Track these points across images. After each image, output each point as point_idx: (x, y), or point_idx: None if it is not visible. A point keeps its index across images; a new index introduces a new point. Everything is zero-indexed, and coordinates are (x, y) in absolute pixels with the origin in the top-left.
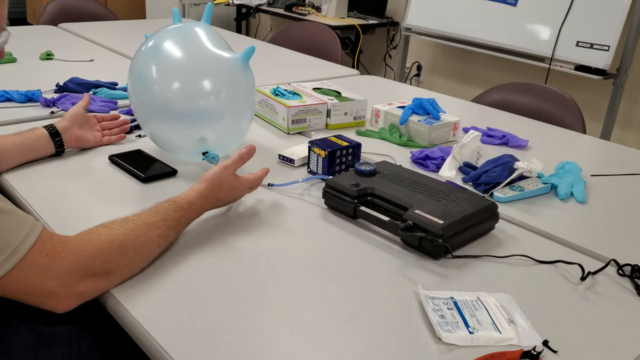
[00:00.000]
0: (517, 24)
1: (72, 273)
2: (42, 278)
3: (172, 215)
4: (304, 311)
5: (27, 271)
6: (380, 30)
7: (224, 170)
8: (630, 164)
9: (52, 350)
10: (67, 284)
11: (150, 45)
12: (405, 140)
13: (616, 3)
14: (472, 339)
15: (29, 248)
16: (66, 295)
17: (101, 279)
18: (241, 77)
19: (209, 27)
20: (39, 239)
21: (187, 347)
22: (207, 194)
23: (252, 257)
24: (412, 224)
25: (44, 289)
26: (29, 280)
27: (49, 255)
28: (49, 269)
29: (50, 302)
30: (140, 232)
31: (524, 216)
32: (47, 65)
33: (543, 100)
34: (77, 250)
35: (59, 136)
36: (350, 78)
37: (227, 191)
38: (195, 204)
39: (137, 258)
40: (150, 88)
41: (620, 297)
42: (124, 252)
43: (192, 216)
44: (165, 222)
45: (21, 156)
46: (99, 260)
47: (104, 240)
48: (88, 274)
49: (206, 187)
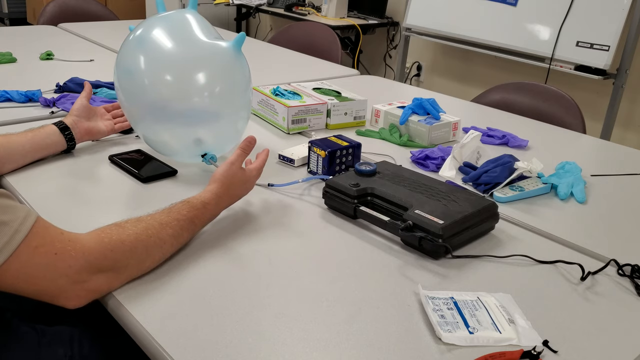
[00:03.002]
0: (517, 24)
1: (82, 272)
2: (51, 276)
3: (186, 215)
4: (304, 311)
5: (36, 269)
6: (380, 30)
7: (231, 166)
8: (630, 164)
9: (53, 350)
10: (76, 282)
11: (137, 36)
12: (405, 140)
13: (616, 3)
14: (472, 339)
15: (29, 228)
16: (76, 293)
17: (111, 277)
18: (236, 68)
19: (196, 13)
20: (47, 236)
21: (187, 347)
22: (221, 192)
23: (252, 257)
24: (412, 224)
25: (53, 287)
26: (38, 279)
27: (57, 253)
28: (58, 267)
29: (60, 299)
30: (153, 231)
31: (524, 216)
32: (47, 65)
33: (543, 100)
34: (87, 249)
35: (69, 130)
36: (350, 78)
37: (239, 186)
38: (210, 203)
39: (149, 258)
40: (140, 83)
41: (620, 297)
42: (135, 252)
43: (207, 216)
44: (179, 222)
45: (34, 153)
46: (108, 260)
47: (115, 240)
48: (97, 272)
49: (218, 186)
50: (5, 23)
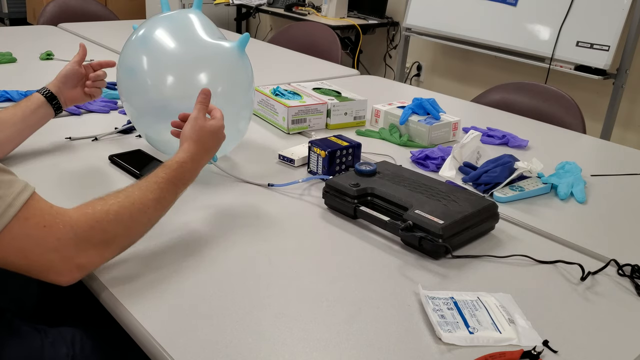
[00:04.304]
0: (517, 24)
1: (70, 245)
2: (40, 250)
3: (164, 177)
4: (304, 311)
5: (26, 241)
6: (380, 30)
7: (196, 121)
8: (630, 164)
9: (56, 350)
10: (66, 257)
11: (140, 35)
12: (405, 140)
13: (616, 3)
14: (472, 339)
15: (23, 202)
16: (67, 268)
17: (101, 250)
18: (239, 68)
19: (201, 14)
20: (37, 209)
21: (187, 347)
22: (194, 149)
23: (252, 257)
24: (412, 224)
25: (43, 262)
26: (27, 252)
27: (46, 226)
28: (47, 241)
29: (51, 275)
30: (135, 198)
31: (524, 216)
32: (47, 65)
33: (543, 100)
34: (74, 221)
35: (56, 99)
36: (350, 78)
37: (210, 137)
38: (185, 162)
39: (135, 224)
40: (142, 82)
41: (620, 297)
42: (121, 221)
43: (186, 175)
44: (158, 184)
45: (28, 130)
46: (96, 231)
47: (99, 211)
48: (87, 246)
49: (189, 143)
50: (5, 23)
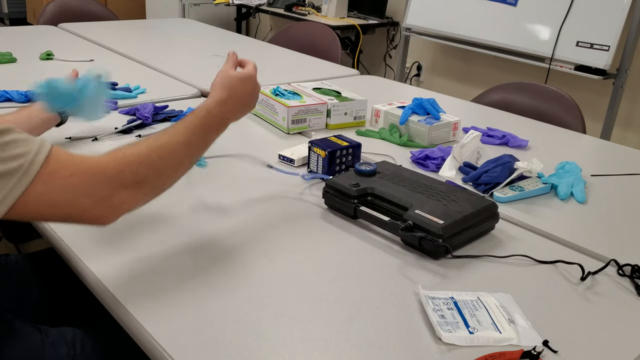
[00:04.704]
0: (517, 24)
1: (102, 188)
2: (72, 197)
3: (192, 122)
4: (304, 311)
5: (55, 194)
6: (380, 30)
7: (223, 72)
8: (630, 164)
9: (57, 350)
10: (99, 199)
11: None
12: (405, 140)
13: (616, 3)
14: (472, 339)
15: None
16: (102, 210)
17: (133, 191)
18: None
19: None
20: (60, 160)
21: (187, 347)
22: (222, 96)
23: (252, 257)
24: (412, 224)
25: (78, 208)
26: (60, 203)
27: (73, 175)
28: (77, 188)
29: (87, 218)
30: (163, 141)
31: (524, 216)
32: (47, 65)
33: (543, 100)
34: (103, 165)
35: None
36: (350, 78)
37: (240, 83)
38: (213, 108)
39: (166, 167)
40: None
41: (620, 297)
42: (151, 163)
43: (215, 122)
44: (187, 129)
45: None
46: (126, 174)
47: (129, 154)
48: (118, 187)
49: (217, 91)
50: (5, 23)
